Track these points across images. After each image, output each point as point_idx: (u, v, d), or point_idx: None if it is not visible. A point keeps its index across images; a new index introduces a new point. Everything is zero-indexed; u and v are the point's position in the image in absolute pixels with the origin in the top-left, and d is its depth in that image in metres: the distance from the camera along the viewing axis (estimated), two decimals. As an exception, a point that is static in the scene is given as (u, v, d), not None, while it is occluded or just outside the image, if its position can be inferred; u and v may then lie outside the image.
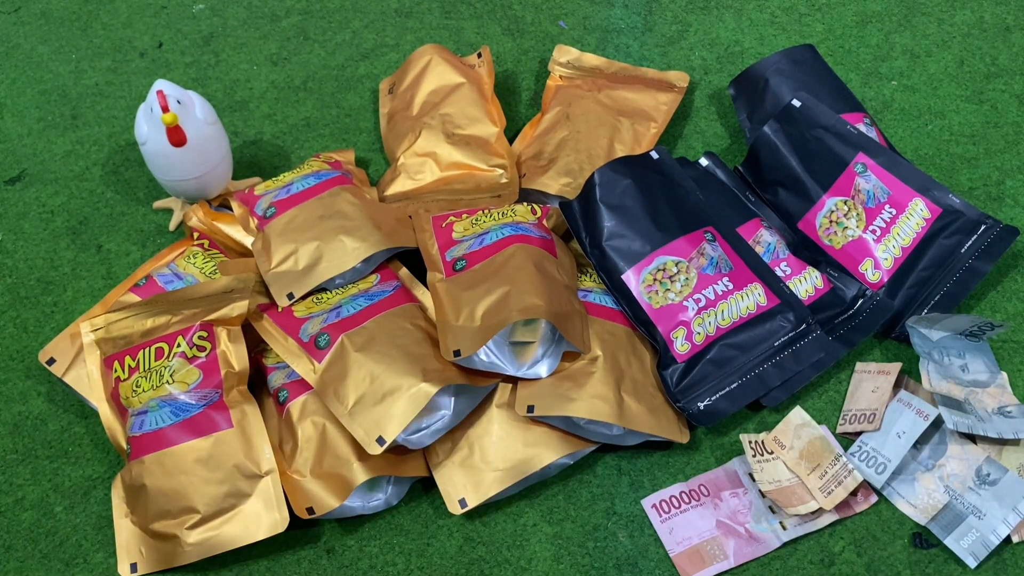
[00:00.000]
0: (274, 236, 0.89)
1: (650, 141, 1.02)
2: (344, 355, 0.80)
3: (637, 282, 0.85)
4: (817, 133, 0.95)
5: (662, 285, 0.84)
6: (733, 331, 0.86)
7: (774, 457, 0.82)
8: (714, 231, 0.89)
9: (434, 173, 0.98)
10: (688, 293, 0.85)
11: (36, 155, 1.09)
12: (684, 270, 0.85)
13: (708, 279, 0.86)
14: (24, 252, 1.00)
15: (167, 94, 0.90)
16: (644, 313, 0.85)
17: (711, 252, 0.87)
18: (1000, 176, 1.03)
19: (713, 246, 0.88)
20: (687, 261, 0.86)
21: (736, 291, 0.87)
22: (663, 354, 0.84)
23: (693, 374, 0.84)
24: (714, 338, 0.85)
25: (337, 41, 1.19)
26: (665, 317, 0.85)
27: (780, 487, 0.80)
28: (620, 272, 0.87)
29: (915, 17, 1.18)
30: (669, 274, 0.85)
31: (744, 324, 0.86)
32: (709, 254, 0.86)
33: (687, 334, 0.84)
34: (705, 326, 0.85)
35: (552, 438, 0.81)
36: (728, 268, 0.86)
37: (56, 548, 0.81)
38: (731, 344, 0.85)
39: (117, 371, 0.83)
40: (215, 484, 0.78)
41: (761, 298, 0.87)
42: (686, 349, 0.84)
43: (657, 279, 0.85)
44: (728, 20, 1.19)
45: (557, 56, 1.09)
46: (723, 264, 0.87)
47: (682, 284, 0.85)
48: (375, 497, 0.81)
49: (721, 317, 0.85)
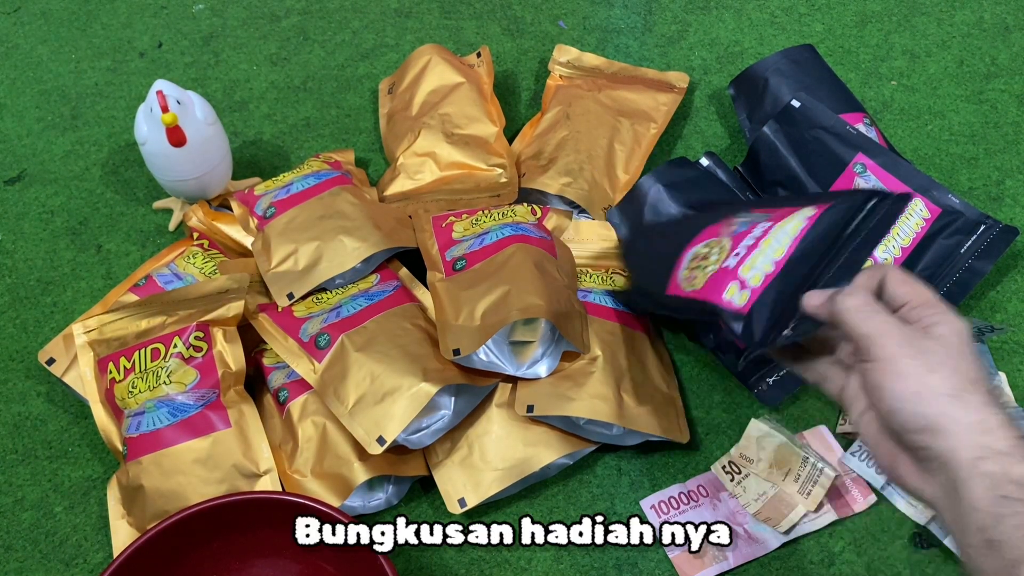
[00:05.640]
0: (274, 236, 0.89)
1: (650, 141, 1.02)
2: (344, 355, 0.80)
3: (679, 289, 0.78)
4: (816, 133, 0.95)
5: (699, 269, 0.77)
6: (793, 255, 0.70)
7: (747, 473, 0.82)
8: None
9: (434, 173, 0.98)
10: (724, 257, 0.75)
11: (36, 155, 1.09)
12: (715, 244, 0.78)
13: (742, 235, 0.75)
14: (24, 252, 1.00)
15: (167, 94, 0.90)
16: (697, 303, 0.75)
17: (742, 218, 0.77)
18: (1000, 176, 1.02)
19: (743, 215, 0.79)
20: (717, 238, 0.78)
21: (776, 223, 0.74)
22: (729, 324, 0.71)
23: (764, 314, 0.70)
24: (775, 274, 0.70)
25: (337, 41, 1.19)
26: (712, 290, 0.73)
27: (767, 500, 0.80)
28: (665, 287, 0.80)
29: (915, 17, 1.18)
30: (701, 256, 0.79)
31: (802, 240, 0.71)
32: (740, 220, 0.78)
33: (740, 285, 0.71)
34: (757, 268, 0.71)
35: (552, 438, 0.81)
36: (764, 218, 0.75)
37: (56, 548, 0.81)
38: (796, 262, 0.71)
39: (112, 372, 0.83)
40: (214, 484, 0.78)
41: (809, 211, 0.72)
42: (745, 299, 0.70)
43: (691, 267, 0.78)
44: (728, 20, 1.19)
45: (557, 56, 1.09)
46: (758, 218, 0.76)
47: (717, 255, 0.76)
48: (375, 497, 0.81)
49: (773, 251, 0.71)
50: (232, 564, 0.75)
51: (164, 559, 0.72)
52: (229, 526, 0.74)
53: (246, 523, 0.74)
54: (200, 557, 0.74)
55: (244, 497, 0.73)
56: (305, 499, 0.72)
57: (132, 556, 0.70)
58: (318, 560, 0.75)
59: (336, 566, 0.74)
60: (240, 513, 0.73)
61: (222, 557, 0.75)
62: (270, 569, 0.76)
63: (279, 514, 0.73)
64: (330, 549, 0.72)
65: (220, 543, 0.74)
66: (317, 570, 0.75)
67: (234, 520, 0.74)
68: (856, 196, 0.68)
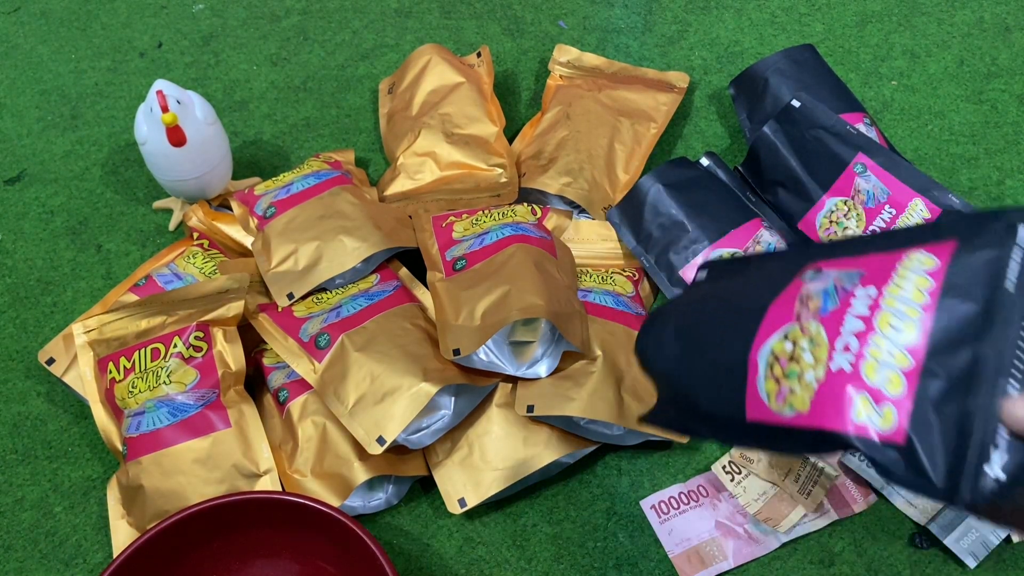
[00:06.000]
0: (274, 236, 0.89)
1: (650, 141, 1.02)
2: (344, 355, 0.80)
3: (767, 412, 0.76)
4: (817, 133, 0.95)
5: (792, 378, 0.74)
6: (936, 336, 0.65)
7: (747, 473, 0.82)
8: None
9: (434, 173, 0.98)
10: (826, 356, 0.73)
11: (36, 155, 1.09)
12: (798, 334, 0.76)
13: (837, 316, 0.74)
14: (24, 252, 1.00)
15: (167, 94, 0.90)
16: (808, 433, 0.69)
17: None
18: (1000, 176, 1.02)
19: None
20: (796, 323, 0.80)
21: (881, 287, 0.81)
22: (883, 464, 0.57)
23: (935, 440, 0.71)
24: (918, 369, 0.64)
25: (337, 41, 1.19)
26: (829, 410, 0.65)
27: (767, 499, 0.80)
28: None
29: (915, 17, 1.18)
30: (786, 356, 0.76)
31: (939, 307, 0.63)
32: (817, 286, 0.78)
33: (873, 397, 0.65)
34: (889, 366, 0.65)
35: (552, 438, 0.81)
36: (853, 278, 0.76)
37: (56, 548, 0.81)
38: (944, 347, 0.77)
39: (112, 372, 0.83)
40: (214, 484, 0.78)
41: (926, 260, 0.79)
42: (891, 420, 0.63)
43: (776, 376, 0.76)
44: (728, 20, 1.19)
45: (557, 56, 1.09)
46: (844, 279, 0.80)
47: (811, 353, 0.75)
48: (375, 497, 0.81)
49: (900, 333, 0.68)
50: (232, 564, 0.75)
51: (164, 559, 0.72)
52: (229, 526, 0.74)
53: (246, 523, 0.74)
54: (200, 557, 0.74)
55: (244, 497, 0.73)
56: (305, 499, 0.72)
57: (132, 556, 0.70)
58: (318, 560, 0.75)
59: (336, 566, 0.74)
60: (240, 513, 0.73)
61: (222, 557, 0.75)
62: (270, 569, 0.76)
63: (279, 514, 0.73)
64: (330, 549, 0.72)
65: (220, 543, 0.74)
66: (317, 570, 0.75)
67: (234, 520, 0.74)
68: (987, 222, 0.48)
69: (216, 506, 0.73)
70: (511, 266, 0.84)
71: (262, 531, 0.74)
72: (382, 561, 0.68)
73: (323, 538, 0.73)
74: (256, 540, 0.75)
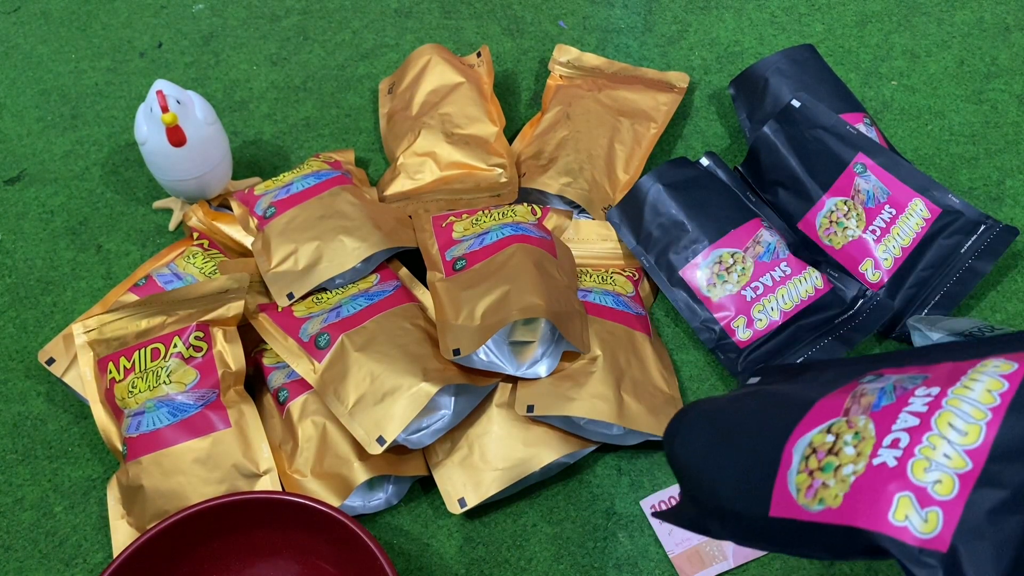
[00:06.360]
0: (274, 236, 0.89)
1: (650, 141, 1.02)
2: (344, 355, 0.80)
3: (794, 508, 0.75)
4: (817, 133, 0.95)
5: (827, 472, 0.74)
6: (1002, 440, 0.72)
7: None
8: None
9: (434, 173, 0.98)
10: (870, 450, 0.75)
11: (36, 155, 1.09)
12: (844, 428, 0.77)
13: (892, 411, 0.78)
14: (24, 252, 1.00)
15: (167, 94, 0.90)
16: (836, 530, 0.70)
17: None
18: (1000, 176, 1.02)
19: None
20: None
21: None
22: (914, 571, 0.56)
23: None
24: (975, 474, 0.72)
25: (337, 41, 1.19)
26: (864, 507, 0.66)
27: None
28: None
29: (915, 17, 1.18)
30: (826, 448, 0.76)
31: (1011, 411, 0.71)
32: (874, 386, 0.77)
33: (918, 498, 0.71)
34: (942, 467, 0.72)
35: (552, 438, 0.81)
36: (917, 380, 0.79)
37: (56, 548, 0.81)
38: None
39: (112, 372, 0.83)
40: (214, 484, 0.78)
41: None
42: (936, 525, 0.63)
43: (809, 469, 0.76)
44: (728, 20, 1.19)
45: (557, 56, 1.09)
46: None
47: (854, 446, 0.75)
48: (375, 497, 0.81)
49: (960, 434, 0.73)
50: (232, 564, 0.75)
51: (164, 559, 0.72)
52: (229, 526, 0.74)
53: (246, 523, 0.74)
54: (200, 557, 0.74)
55: (244, 497, 0.73)
56: (305, 499, 0.72)
57: (132, 556, 0.70)
58: (318, 560, 0.75)
59: (336, 566, 0.74)
60: (240, 513, 0.73)
61: (222, 557, 0.75)
62: (270, 569, 0.76)
63: (279, 514, 0.73)
64: (330, 549, 0.72)
65: (220, 543, 0.74)
66: (317, 570, 0.75)
67: (234, 520, 0.74)
68: None
69: (216, 506, 0.73)
70: (511, 266, 0.84)
71: (262, 531, 0.74)
72: (382, 561, 0.68)
73: (323, 538, 0.73)
74: (256, 540, 0.75)
